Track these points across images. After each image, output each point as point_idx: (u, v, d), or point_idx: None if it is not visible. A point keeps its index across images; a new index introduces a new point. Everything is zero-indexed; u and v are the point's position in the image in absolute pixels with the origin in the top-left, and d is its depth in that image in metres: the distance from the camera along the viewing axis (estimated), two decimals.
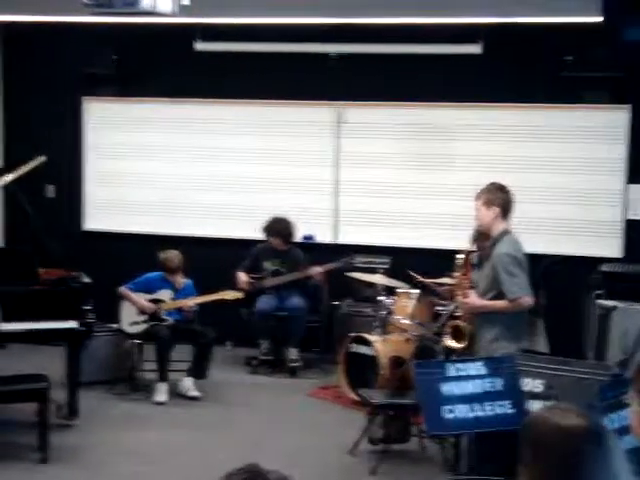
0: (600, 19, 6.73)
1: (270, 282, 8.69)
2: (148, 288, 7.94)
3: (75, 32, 9.18)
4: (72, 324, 6.81)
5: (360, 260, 8.78)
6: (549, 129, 8.74)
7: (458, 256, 5.70)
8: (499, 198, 5.65)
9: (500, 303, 5.51)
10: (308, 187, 9.36)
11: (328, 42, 9.03)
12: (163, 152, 9.67)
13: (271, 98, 9.32)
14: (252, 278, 8.71)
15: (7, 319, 6.40)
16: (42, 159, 7.19)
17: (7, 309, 6.34)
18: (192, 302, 7.95)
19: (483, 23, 8.37)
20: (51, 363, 7.48)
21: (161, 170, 9.68)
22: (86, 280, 7.12)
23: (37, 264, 7.01)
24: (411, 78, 9.03)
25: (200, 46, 9.27)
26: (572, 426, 2.43)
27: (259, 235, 8.82)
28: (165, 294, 7.92)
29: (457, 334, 5.68)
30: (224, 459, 6.30)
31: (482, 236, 5.76)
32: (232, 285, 8.40)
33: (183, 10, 5.79)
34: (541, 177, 8.72)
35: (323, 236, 9.37)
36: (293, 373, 8.54)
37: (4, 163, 9.76)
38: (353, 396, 7.51)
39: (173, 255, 7.94)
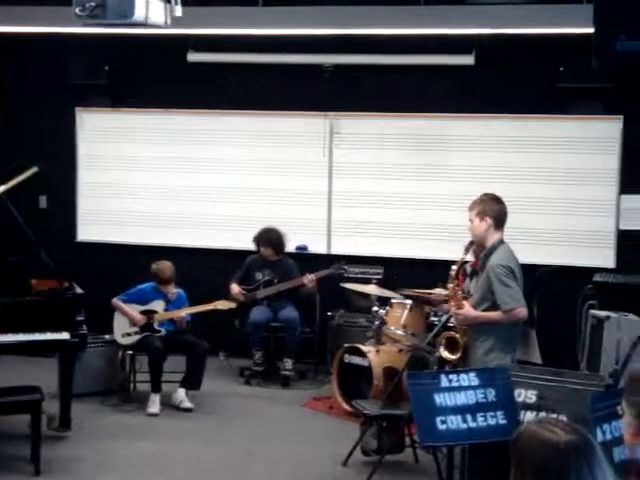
0: (592, 30, 6.74)
1: (262, 293, 8.68)
2: (141, 299, 7.93)
3: (68, 43, 9.17)
4: (65, 335, 6.78)
5: (353, 270, 8.78)
6: (542, 140, 8.76)
7: (453, 267, 5.69)
8: (492, 209, 5.64)
9: (494, 314, 5.50)
10: (301, 197, 9.37)
11: (321, 53, 9.05)
12: (156, 163, 9.67)
13: (264, 109, 9.33)
14: (244, 289, 8.70)
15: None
16: (34, 170, 7.17)
17: None
18: (185, 312, 7.95)
19: (476, 34, 8.39)
20: (44, 375, 7.48)
21: (154, 181, 9.68)
22: (79, 291, 7.10)
23: (29, 275, 7.00)
24: (404, 89, 9.05)
25: (193, 57, 9.29)
26: (559, 441, 2.44)
27: (252, 246, 8.82)
28: (158, 305, 7.92)
29: (451, 345, 5.67)
30: (217, 470, 6.30)
31: (476, 247, 5.76)
32: (225, 296, 8.40)
33: (175, 21, 5.78)
34: (534, 188, 8.73)
35: (316, 246, 9.37)
36: (286, 384, 8.53)
37: None
38: (347, 407, 7.50)
39: (165, 266, 7.92)
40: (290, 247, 9.00)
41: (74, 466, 6.39)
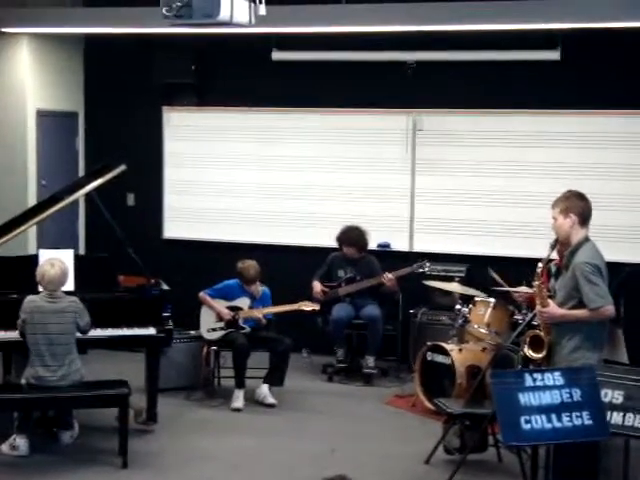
0: None
1: (344, 290, 8.70)
2: (227, 295, 8.02)
3: (155, 43, 9.35)
4: (151, 331, 6.93)
5: (436, 268, 8.72)
6: (630, 136, 8.58)
7: (539, 264, 5.62)
8: (577, 206, 5.55)
9: (581, 312, 5.41)
10: (384, 195, 9.36)
11: (404, 50, 9.02)
12: (241, 161, 9.77)
13: (347, 106, 9.35)
14: (326, 287, 8.73)
15: None
16: (123, 168, 7.30)
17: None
18: (270, 311, 8.01)
19: (562, 29, 8.26)
20: (131, 369, 7.63)
21: (238, 179, 9.78)
22: (165, 287, 7.23)
23: (117, 271, 7.14)
24: (487, 85, 8.97)
25: (277, 55, 9.36)
26: None
27: (335, 243, 8.84)
28: (244, 302, 7.99)
29: (536, 344, 5.60)
30: (300, 466, 6.34)
31: (561, 244, 5.68)
32: (307, 293, 8.43)
33: (260, 20, 5.83)
34: (618, 184, 8.57)
35: (398, 244, 9.35)
36: (369, 381, 8.54)
37: (86, 172, 9.97)
38: (429, 405, 7.48)
39: (250, 265, 7.98)
40: (372, 244, 9.00)
41: (160, 459, 6.51)
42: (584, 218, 5.55)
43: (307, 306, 8.07)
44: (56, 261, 6.39)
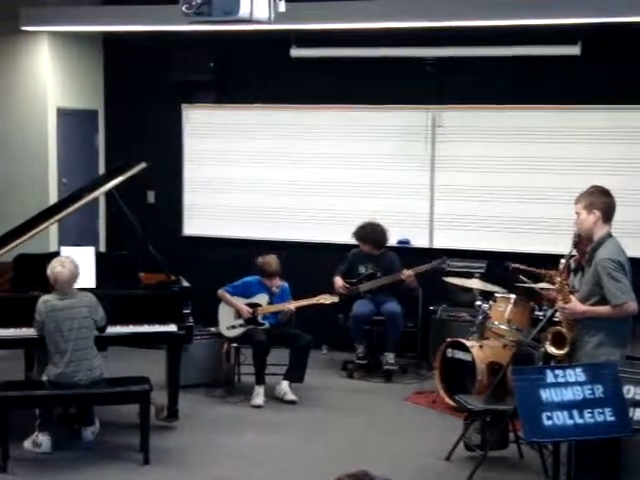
0: None
1: (365, 286, 8.70)
2: (246, 292, 8.03)
3: (174, 41, 9.37)
4: (172, 327, 6.94)
5: (456, 264, 8.71)
6: None
7: (561, 260, 5.58)
8: (601, 202, 5.51)
9: (603, 309, 5.38)
10: (404, 191, 9.35)
11: (423, 46, 9.01)
12: (260, 158, 9.78)
13: (366, 103, 9.34)
14: (348, 283, 8.73)
15: (109, 322, 6.55)
16: (143, 165, 7.32)
17: (109, 312, 6.49)
18: (289, 306, 8.01)
19: (582, 24, 8.22)
20: (152, 366, 7.65)
21: (258, 176, 9.80)
22: (185, 284, 7.25)
23: (138, 269, 7.17)
24: (507, 81, 8.94)
25: (296, 52, 9.36)
26: None
27: (354, 240, 8.84)
28: (262, 298, 8.00)
29: (558, 340, 5.58)
30: (320, 463, 6.35)
31: (583, 240, 5.64)
32: (328, 290, 8.43)
33: (279, 17, 5.83)
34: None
35: (418, 240, 9.34)
36: (389, 378, 8.53)
37: (106, 170, 10.01)
38: (449, 401, 7.47)
39: (271, 259, 7.99)
40: (392, 241, 8.99)
41: (181, 456, 6.53)
42: (608, 214, 5.51)
43: (326, 299, 8.06)
44: (66, 261, 6.38)
